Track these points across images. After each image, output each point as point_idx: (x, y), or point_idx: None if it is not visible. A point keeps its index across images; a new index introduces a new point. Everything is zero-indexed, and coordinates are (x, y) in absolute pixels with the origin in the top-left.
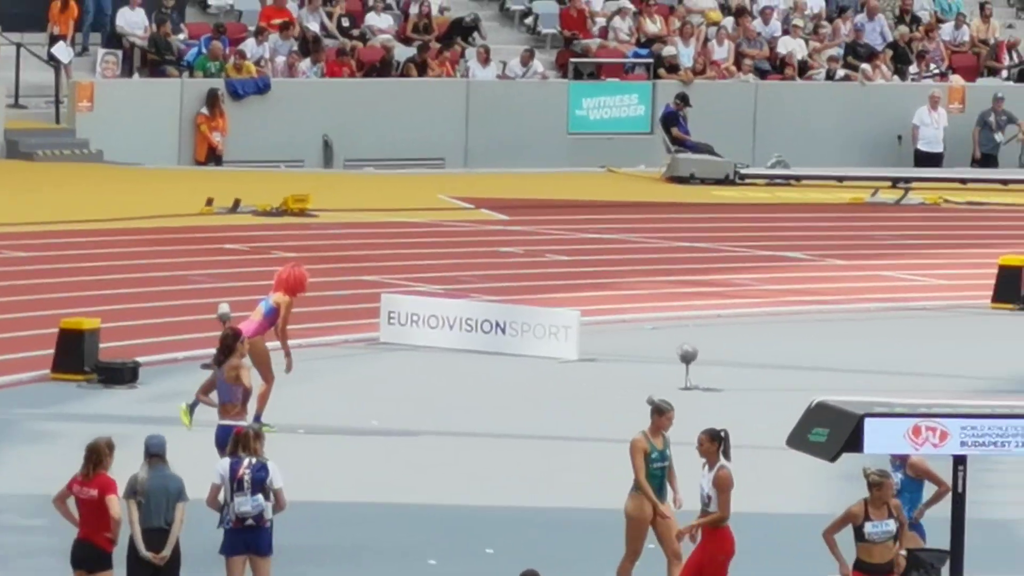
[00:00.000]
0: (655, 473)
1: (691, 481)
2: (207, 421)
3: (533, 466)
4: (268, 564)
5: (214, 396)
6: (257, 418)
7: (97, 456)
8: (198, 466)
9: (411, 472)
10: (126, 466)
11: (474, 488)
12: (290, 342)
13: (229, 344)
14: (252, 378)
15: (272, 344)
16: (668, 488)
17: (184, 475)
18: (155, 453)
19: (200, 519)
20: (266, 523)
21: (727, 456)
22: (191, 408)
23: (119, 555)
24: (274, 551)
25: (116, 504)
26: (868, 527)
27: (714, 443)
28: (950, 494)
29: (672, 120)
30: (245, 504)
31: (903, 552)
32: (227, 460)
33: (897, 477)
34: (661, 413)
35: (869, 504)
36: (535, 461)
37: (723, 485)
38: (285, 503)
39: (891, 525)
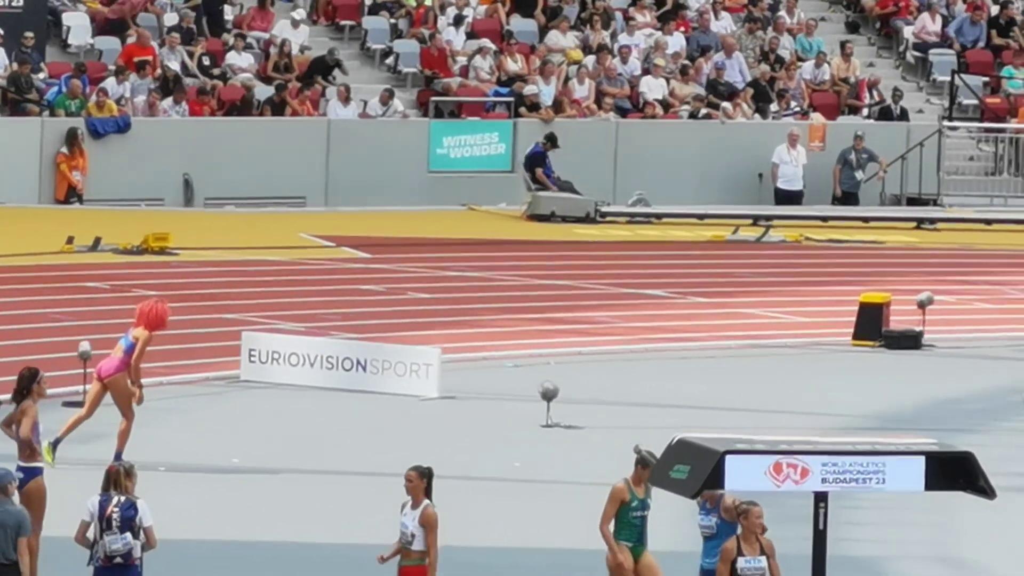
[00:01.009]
0: (634, 522)
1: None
2: (75, 459)
3: (394, 504)
4: None
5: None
6: (118, 456)
7: None
8: (63, 503)
9: (272, 510)
10: None
11: (336, 526)
12: (151, 379)
13: (24, 384)
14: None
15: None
16: (646, 537)
17: (49, 511)
18: None
19: (67, 557)
20: (135, 561)
21: (430, 495)
22: (53, 445)
23: None
24: None
25: None
26: (741, 563)
27: (422, 480)
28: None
29: (538, 160)
30: (116, 542)
31: None
32: (97, 497)
33: (712, 520)
34: (645, 466)
35: (740, 539)
36: (396, 499)
37: (431, 523)
38: (155, 541)
39: (763, 562)
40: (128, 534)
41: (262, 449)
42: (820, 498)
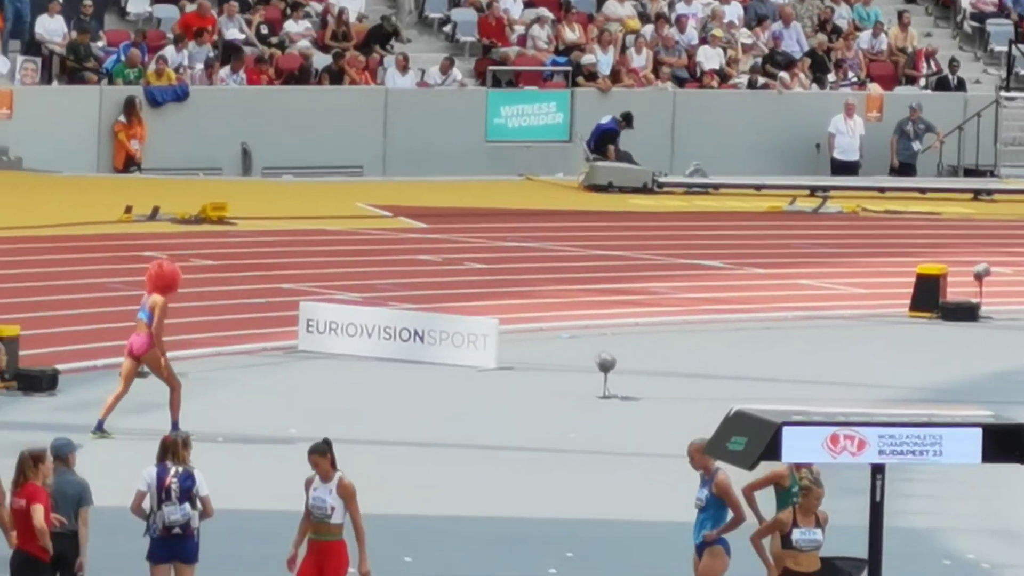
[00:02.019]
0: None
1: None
2: (130, 430)
3: (451, 475)
4: (193, 572)
5: None
6: (175, 426)
7: (21, 467)
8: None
9: None
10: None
11: (391, 496)
12: (208, 349)
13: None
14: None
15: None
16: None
17: (104, 481)
18: (56, 456)
19: (123, 526)
20: (192, 531)
21: (335, 466)
22: (99, 429)
23: None
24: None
25: (39, 513)
26: (796, 534)
27: (327, 456)
28: (742, 522)
29: (611, 137)
30: (175, 513)
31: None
32: (154, 468)
33: (704, 492)
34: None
35: (798, 511)
36: (453, 470)
37: (350, 493)
38: (212, 511)
39: (818, 534)
40: (187, 504)
41: (319, 419)
42: (877, 470)
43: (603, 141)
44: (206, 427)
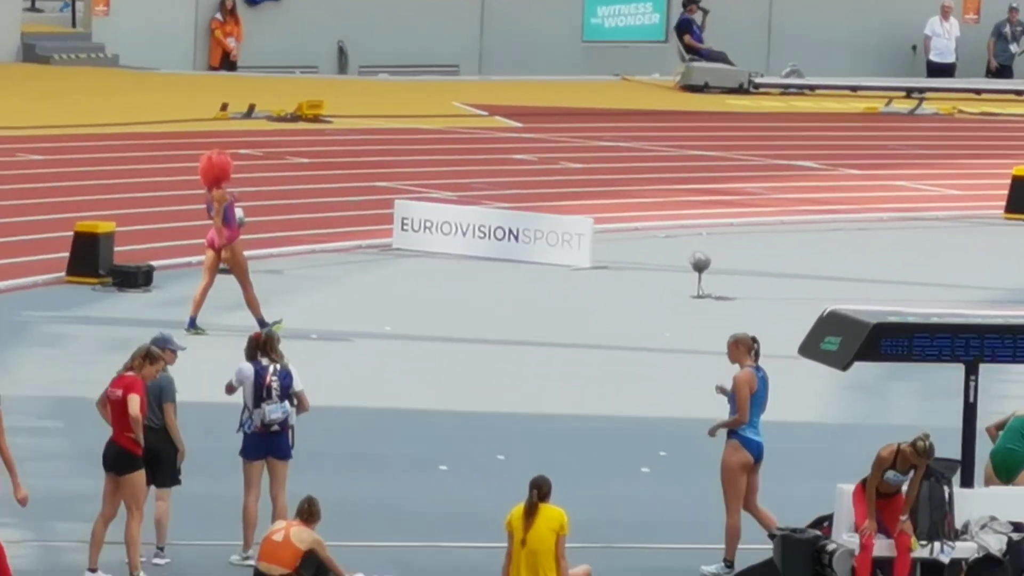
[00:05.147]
0: None
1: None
2: (223, 327)
3: (544, 373)
4: (286, 468)
5: None
6: (261, 323)
7: (132, 358)
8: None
9: (423, 378)
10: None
11: (485, 394)
12: (303, 247)
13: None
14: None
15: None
16: None
17: (191, 379)
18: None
19: (217, 423)
20: (288, 428)
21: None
22: (192, 326)
23: None
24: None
25: (135, 403)
26: (889, 473)
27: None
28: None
29: (685, 27)
30: (276, 411)
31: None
32: (251, 366)
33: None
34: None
35: (899, 455)
36: (546, 368)
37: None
38: (308, 405)
39: (906, 476)
40: (286, 402)
41: (413, 317)
42: (971, 371)
43: (680, 33)
44: (300, 324)
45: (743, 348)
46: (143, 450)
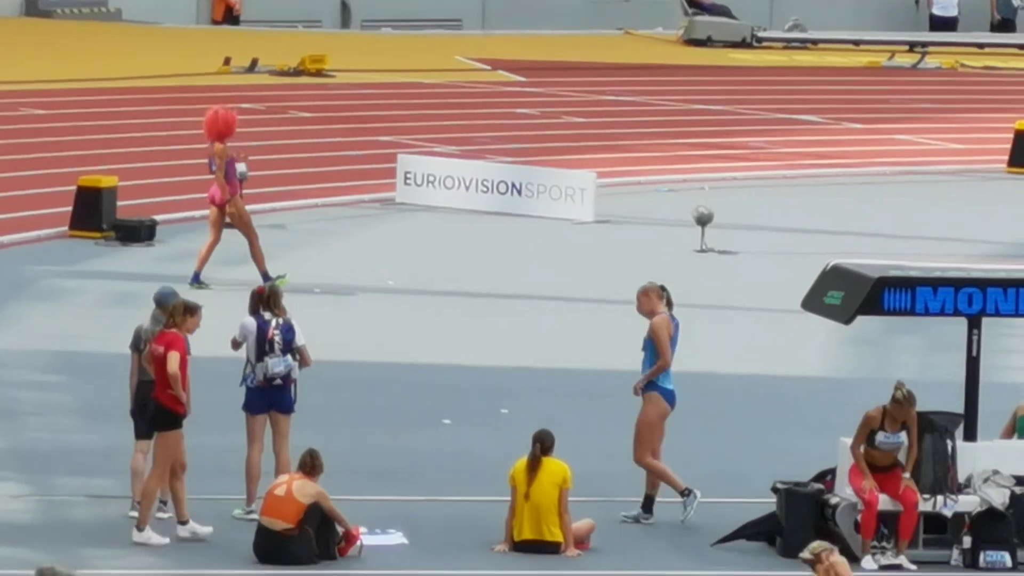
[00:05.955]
0: None
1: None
2: (227, 281)
3: (547, 327)
4: (289, 422)
5: None
6: (266, 277)
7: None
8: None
9: (426, 332)
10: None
11: (488, 349)
12: (306, 201)
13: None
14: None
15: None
16: None
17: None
18: (158, 304)
19: (220, 377)
20: (292, 382)
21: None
22: (196, 281)
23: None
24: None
25: (174, 360)
26: (880, 436)
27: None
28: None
29: None
30: (278, 365)
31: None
32: (253, 320)
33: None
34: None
35: (886, 415)
36: (549, 322)
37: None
38: (310, 360)
39: (902, 438)
40: (288, 356)
41: (416, 271)
42: (973, 324)
43: None
44: (303, 278)
45: (654, 296)
46: (183, 408)
